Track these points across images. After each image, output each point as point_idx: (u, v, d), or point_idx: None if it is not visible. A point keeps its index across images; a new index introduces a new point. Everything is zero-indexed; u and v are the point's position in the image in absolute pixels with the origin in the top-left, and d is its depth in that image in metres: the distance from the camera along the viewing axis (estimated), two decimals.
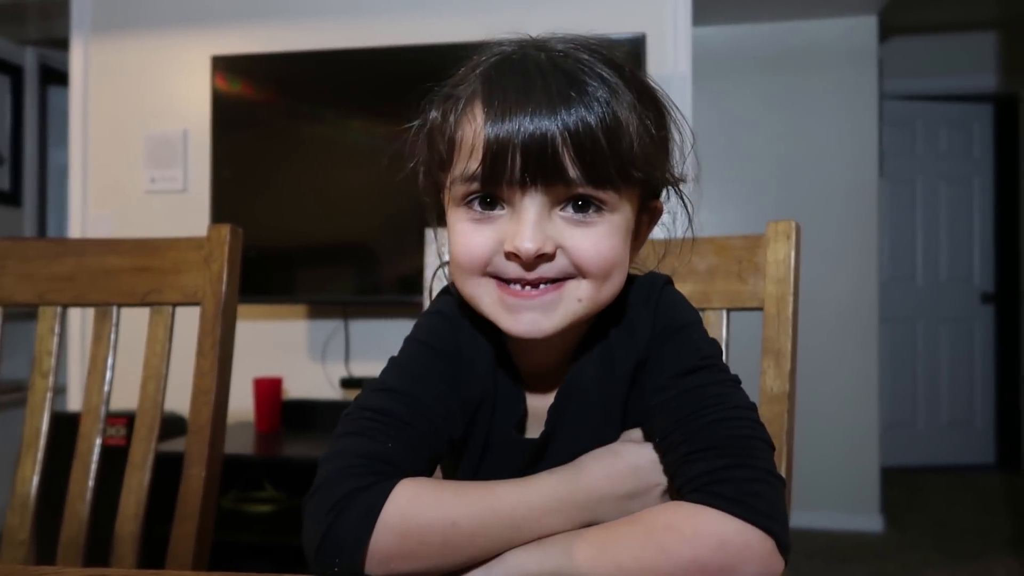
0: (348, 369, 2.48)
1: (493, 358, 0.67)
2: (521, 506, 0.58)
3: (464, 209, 0.61)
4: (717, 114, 3.56)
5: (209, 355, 0.96)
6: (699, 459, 0.56)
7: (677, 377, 0.61)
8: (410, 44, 2.31)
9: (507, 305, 0.60)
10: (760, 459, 0.56)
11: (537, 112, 0.56)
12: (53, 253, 1.03)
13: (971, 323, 4.69)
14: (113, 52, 2.67)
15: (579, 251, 0.59)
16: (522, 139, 0.56)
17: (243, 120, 2.43)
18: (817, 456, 3.36)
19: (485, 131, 0.57)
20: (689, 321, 0.66)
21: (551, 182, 0.57)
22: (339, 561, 0.54)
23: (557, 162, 0.57)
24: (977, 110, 4.65)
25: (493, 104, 0.58)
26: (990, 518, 3.67)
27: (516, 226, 0.58)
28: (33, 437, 1.00)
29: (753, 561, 0.52)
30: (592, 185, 0.58)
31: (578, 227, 0.59)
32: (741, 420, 0.58)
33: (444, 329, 0.67)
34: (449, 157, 0.62)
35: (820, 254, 3.43)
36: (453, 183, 0.61)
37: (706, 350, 0.64)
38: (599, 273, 0.60)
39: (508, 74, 0.60)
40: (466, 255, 0.60)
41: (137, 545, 0.95)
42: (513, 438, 0.69)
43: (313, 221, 2.40)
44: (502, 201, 0.59)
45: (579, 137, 0.56)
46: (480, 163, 0.58)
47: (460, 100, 0.61)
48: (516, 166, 0.57)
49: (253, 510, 2.20)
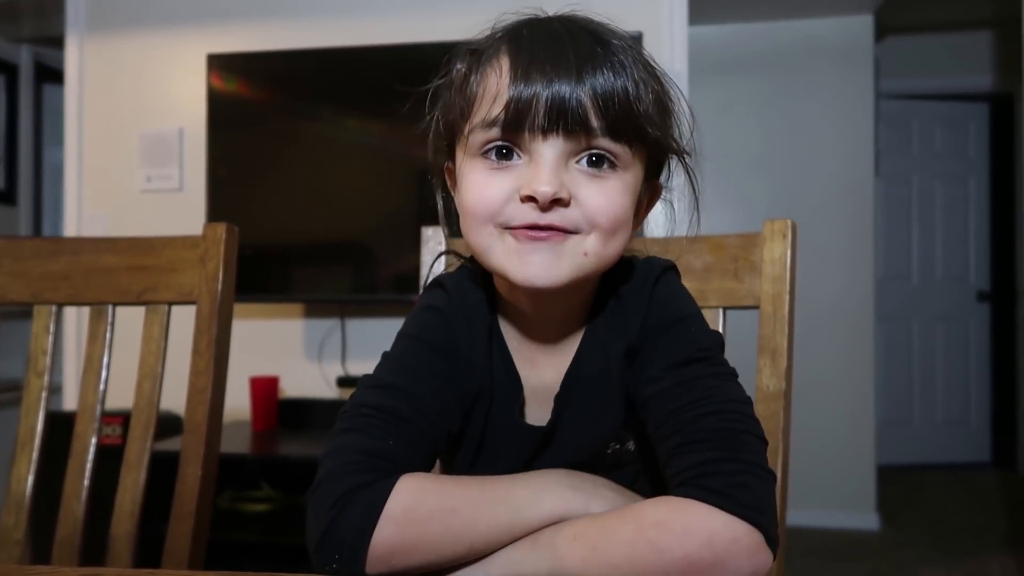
0: (345, 368, 2.48)
1: (489, 349, 0.68)
2: (519, 487, 0.59)
3: (480, 159, 0.62)
4: (713, 113, 3.56)
5: (205, 354, 0.96)
6: (688, 452, 0.57)
7: (671, 368, 0.62)
8: (407, 43, 2.31)
9: (517, 251, 0.60)
10: (750, 453, 0.56)
11: (565, 65, 0.59)
12: (48, 252, 1.03)
13: (967, 321, 4.70)
14: (109, 50, 2.67)
15: (591, 203, 0.60)
16: (549, 88, 0.58)
17: (239, 118, 2.42)
18: (813, 454, 3.37)
19: (511, 79, 0.59)
20: (687, 314, 0.66)
21: (572, 131, 0.59)
22: (339, 557, 0.54)
23: (581, 111, 0.59)
24: (973, 109, 4.66)
25: (521, 56, 0.60)
26: (986, 516, 3.68)
27: (534, 170, 0.59)
28: (28, 436, 0.99)
29: (742, 556, 0.52)
30: (610, 137, 0.60)
31: (592, 180, 0.61)
32: (733, 414, 0.58)
33: (438, 323, 0.67)
34: (470, 105, 0.63)
35: (816, 253, 3.44)
36: (472, 131, 0.62)
37: (703, 342, 0.64)
38: (608, 227, 0.61)
39: (536, 31, 0.62)
40: (481, 202, 0.61)
41: (133, 544, 0.94)
42: (518, 426, 0.70)
43: (309, 220, 2.40)
44: (519, 150, 0.61)
45: (603, 91, 0.59)
46: (504, 108, 0.59)
47: (485, 52, 0.63)
48: (540, 112, 0.59)
49: (250, 509, 2.19)
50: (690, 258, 0.95)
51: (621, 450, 0.71)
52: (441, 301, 0.69)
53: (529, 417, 0.70)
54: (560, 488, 0.59)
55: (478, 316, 0.68)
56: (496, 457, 0.70)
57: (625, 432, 0.70)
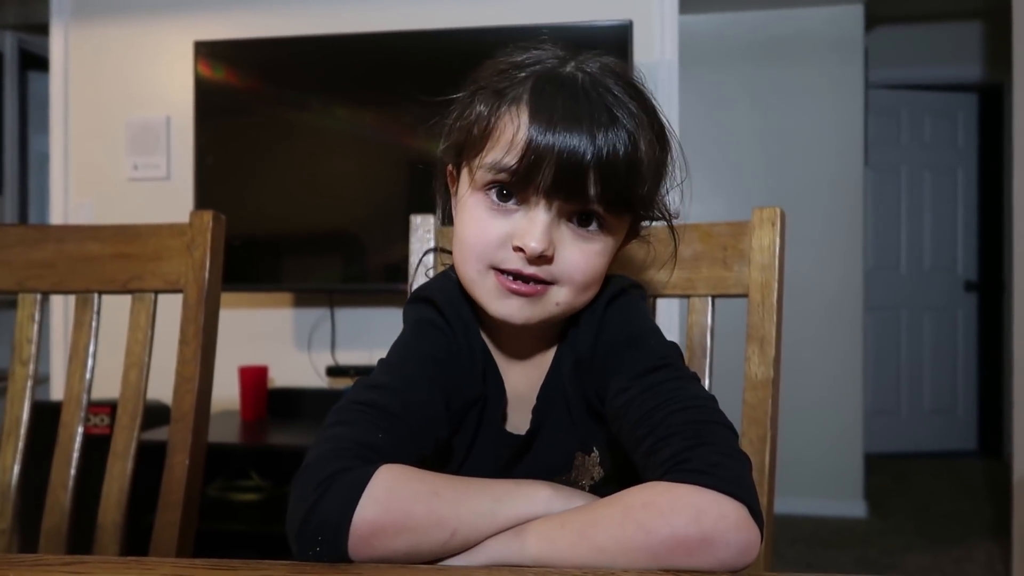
0: (334, 357, 2.47)
1: (483, 362, 0.72)
2: (499, 482, 0.60)
3: (482, 195, 0.67)
4: (703, 102, 3.56)
5: (192, 343, 0.95)
6: (663, 447, 0.58)
7: (637, 377, 0.65)
8: (396, 30, 2.29)
9: (500, 293, 0.67)
10: (720, 440, 0.58)
11: (578, 136, 0.63)
12: (32, 239, 1.02)
13: (954, 311, 4.73)
14: (94, 37, 2.64)
15: (571, 260, 0.67)
16: (560, 155, 0.63)
17: (227, 107, 2.40)
18: (801, 443, 3.39)
19: (530, 135, 0.64)
20: (644, 329, 0.71)
21: (572, 197, 0.65)
22: (321, 539, 0.54)
23: (585, 182, 0.64)
24: (962, 99, 4.67)
25: (540, 115, 0.64)
26: (971, 503, 3.72)
27: (528, 225, 0.65)
28: (13, 425, 0.99)
29: (729, 531, 0.53)
30: (605, 207, 0.66)
31: (577, 240, 0.67)
32: (700, 409, 0.61)
33: (435, 335, 0.71)
34: (483, 142, 0.67)
35: (805, 243, 3.45)
36: (480, 168, 0.67)
37: (663, 352, 0.68)
38: (581, 284, 0.68)
39: (559, 90, 0.65)
40: (480, 242, 0.67)
41: (120, 534, 0.94)
42: (501, 433, 0.73)
43: (298, 209, 2.39)
44: (518, 198, 0.66)
45: (609, 165, 0.64)
46: (518, 161, 0.64)
47: (506, 97, 0.67)
48: (548, 176, 0.63)
49: (239, 499, 2.19)
50: (679, 246, 0.95)
51: (588, 458, 0.75)
52: (435, 314, 0.72)
53: (510, 421, 0.75)
54: (540, 485, 0.61)
55: (472, 328, 0.73)
56: (482, 461, 0.73)
57: (589, 442, 0.74)
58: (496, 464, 0.73)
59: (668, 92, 2.37)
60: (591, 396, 0.71)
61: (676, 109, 2.40)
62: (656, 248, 0.86)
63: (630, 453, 0.64)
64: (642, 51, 2.32)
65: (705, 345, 0.95)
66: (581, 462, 0.75)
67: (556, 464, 0.74)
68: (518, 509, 0.57)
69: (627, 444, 0.64)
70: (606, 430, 0.71)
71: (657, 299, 0.97)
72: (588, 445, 0.74)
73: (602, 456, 0.75)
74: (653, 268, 0.91)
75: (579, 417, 0.73)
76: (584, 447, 0.74)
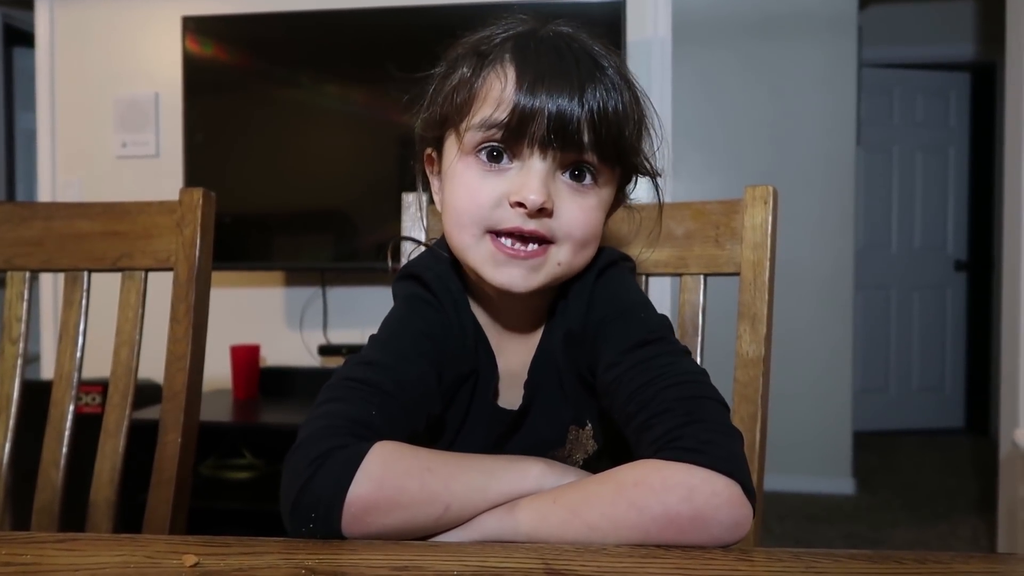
0: (326, 336, 2.47)
1: (475, 337, 0.71)
2: (491, 458, 0.61)
3: (473, 158, 0.66)
4: (696, 80, 3.54)
5: (183, 321, 0.95)
6: (656, 423, 0.58)
7: (627, 351, 0.64)
8: (387, 6, 2.26)
9: (496, 260, 0.65)
10: (713, 416, 0.58)
11: (568, 83, 0.63)
12: (20, 217, 1.01)
13: (944, 291, 4.76)
14: (80, 12, 2.60)
15: (570, 216, 0.65)
16: (553, 105, 0.62)
17: (216, 83, 2.37)
18: (791, 420, 3.41)
19: (516, 88, 0.63)
20: (635, 302, 0.70)
21: (567, 147, 0.64)
22: (315, 516, 0.54)
23: (578, 130, 0.63)
24: (954, 79, 4.67)
25: (527, 68, 0.64)
26: (957, 480, 3.77)
27: (525, 178, 0.64)
28: (4, 404, 0.98)
29: (722, 508, 0.53)
30: (598, 156, 0.65)
31: (574, 194, 0.66)
32: (692, 384, 0.60)
33: (426, 310, 0.70)
34: (469, 105, 0.66)
35: (797, 221, 3.45)
36: (469, 130, 0.65)
37: (654, 325, 0.67)
38: (581, 240, 0.66)
39: (541, 45, 0.65)
40: (473, 205, 0.65)
41: (112, 512, 0.94)
42: (493, 408, 0.73)
43: (289, 187, 2.37)
44: (511, 156, 0.65)
45: (599, 113, 0.63)
46: (509, 114, 0.63)
47: (488, 56, 0.66)
48: (542, 126, 0.63)
49: (232, 477, 2.20)
50: (671, 225, 0.95)
51: (582, 432, 0.74)
52: (424, 290, 0.71)
53: (502, 396, 0.74)
54: (533, 461, 0.61)
55: (462, 303, 0.71)
56: (475, 436, 0.73)
57: (583, 415, 0.74)
58: (489, 439, 0.73)
59: (661, 69, 2.35)
60: (583, 369, 0.71)
61: (669, 87, 2.38)
62: (640, 216, 0.85)
63: (622, 428, 0.64)
64: (635, 28, 2.30)
65: (697, 323, 0.95)
66: (575, 436, 0.74)
67: (550, 438, 0.73)
68: (511, 485, 0.58)
69: (619, 419, 0.64)
70: (599, 403, 0.70)
71: (649, 277, 0.97)
72: (582, 418, 0.74)
73: (595, 429, 0.75)
74: (639, 241, 0.90)
75: (571, 390, 0.72)
76: (578, 420, 0.74)
